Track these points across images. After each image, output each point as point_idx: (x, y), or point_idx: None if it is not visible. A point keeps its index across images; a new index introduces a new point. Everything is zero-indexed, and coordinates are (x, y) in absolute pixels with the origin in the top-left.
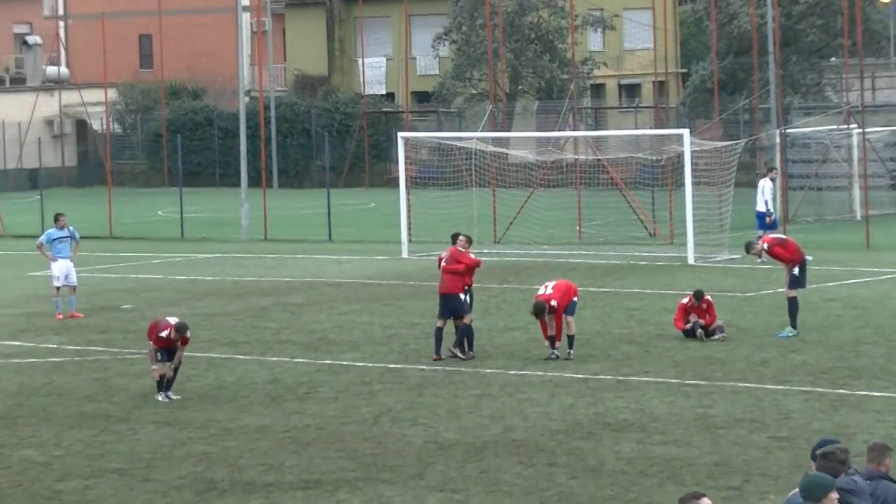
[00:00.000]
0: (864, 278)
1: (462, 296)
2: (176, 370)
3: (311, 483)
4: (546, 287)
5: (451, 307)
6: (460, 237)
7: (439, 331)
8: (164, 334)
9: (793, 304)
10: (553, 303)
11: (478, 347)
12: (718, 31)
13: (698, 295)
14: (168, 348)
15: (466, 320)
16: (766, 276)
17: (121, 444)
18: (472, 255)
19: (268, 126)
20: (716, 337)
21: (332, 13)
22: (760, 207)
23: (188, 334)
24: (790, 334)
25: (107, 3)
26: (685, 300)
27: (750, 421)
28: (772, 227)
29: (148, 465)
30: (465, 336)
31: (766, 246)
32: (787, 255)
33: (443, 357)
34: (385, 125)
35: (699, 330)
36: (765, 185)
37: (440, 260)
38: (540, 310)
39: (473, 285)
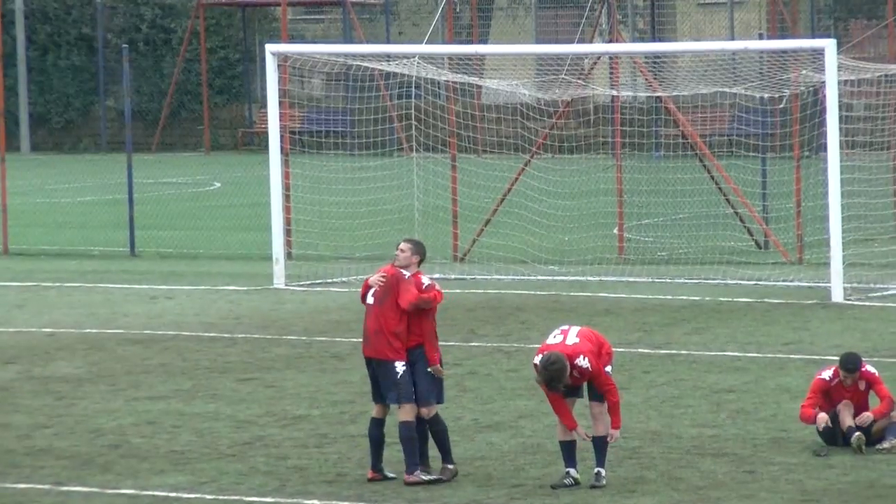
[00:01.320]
0: None
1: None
2: None
3: None
4: (565, 334)
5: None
6: (401, 246)
7: (377, 425)
8: None
9: None
10: (582, 361)
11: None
12: None
13: (850, 363)
14: None
15: (428, 411)
16: None
17: None
18: (429, 281)
19: (9, 32)
20: (885, 445)
21: None
22: None
23: None
24: None
25: None
26: (826, 372)
27: None
28: None
29: None
30: (423, 442)
31: None
32: None
33: (381, 476)
34: (242, 31)
35: (855, 432)
36: None
37: (375, 284)
38: (557, 372)
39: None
